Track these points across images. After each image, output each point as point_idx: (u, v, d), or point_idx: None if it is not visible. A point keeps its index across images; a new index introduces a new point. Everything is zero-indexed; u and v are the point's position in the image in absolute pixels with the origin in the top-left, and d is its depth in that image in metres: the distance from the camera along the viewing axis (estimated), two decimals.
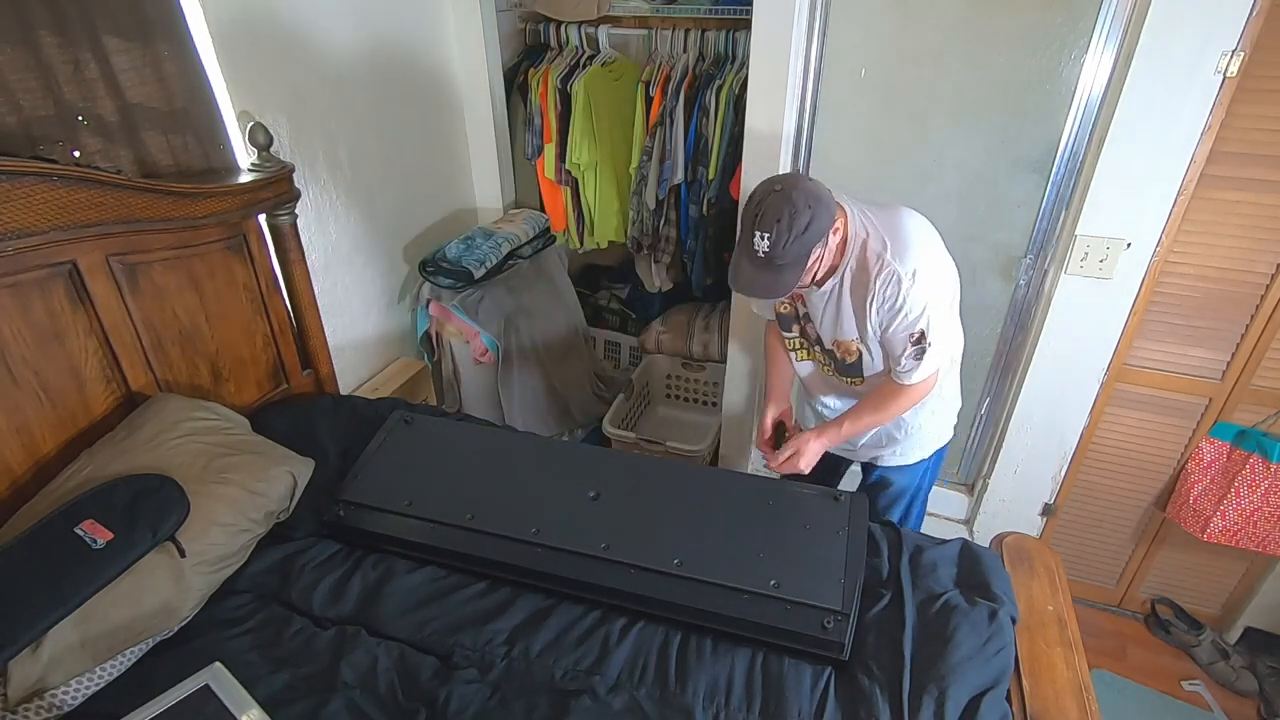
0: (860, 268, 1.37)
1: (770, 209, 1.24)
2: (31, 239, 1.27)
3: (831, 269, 1.40)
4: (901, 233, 1.35)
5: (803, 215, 1.23)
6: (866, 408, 1.51)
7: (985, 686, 1.16)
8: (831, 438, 1.54)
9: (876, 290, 1.34)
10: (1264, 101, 1.56)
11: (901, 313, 1.34)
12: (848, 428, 1.52)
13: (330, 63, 1.98)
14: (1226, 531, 1.93)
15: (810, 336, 1.56)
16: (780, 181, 1.28)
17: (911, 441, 1.65)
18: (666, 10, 2.40)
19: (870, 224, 1.36)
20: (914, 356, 1.38)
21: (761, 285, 1.32)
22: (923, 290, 1.32)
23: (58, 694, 1.11)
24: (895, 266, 1.32)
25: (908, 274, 1.32)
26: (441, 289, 2.35)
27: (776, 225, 1.23)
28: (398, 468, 1.56)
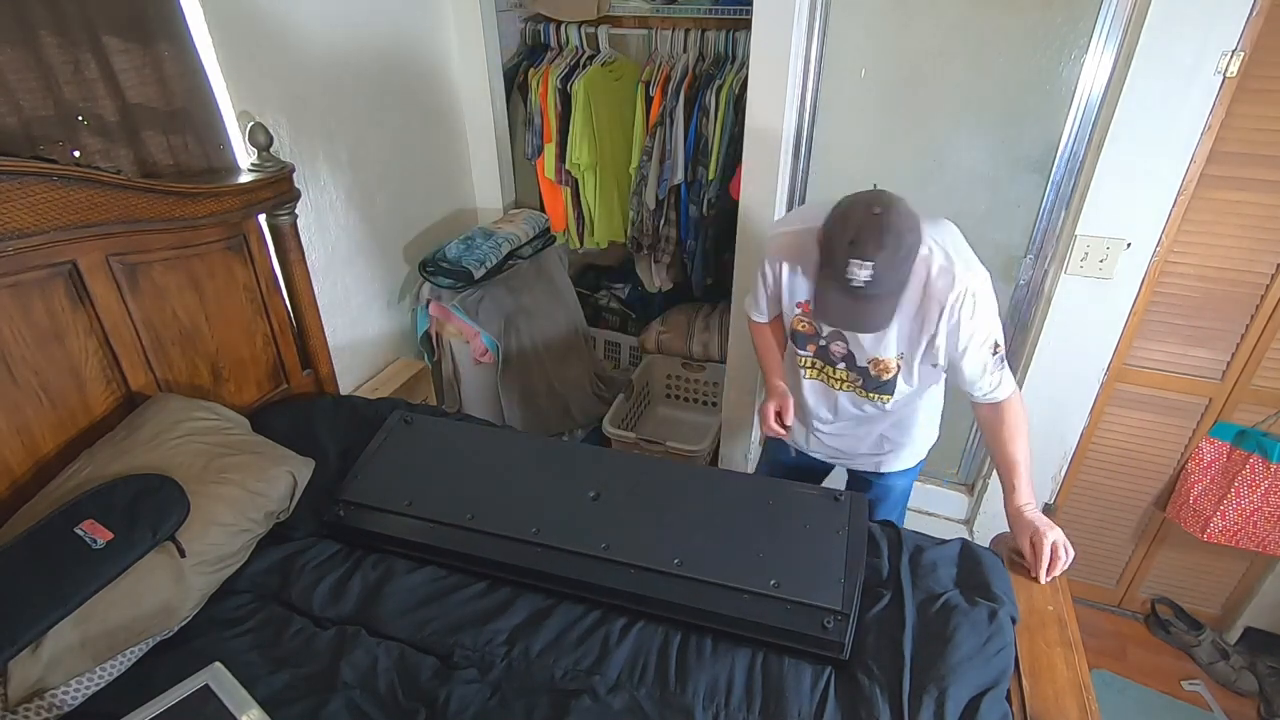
0: (923, 284, 1.28)
1: (871, 235, 1.13)
2: (31, 239, 1.27)
3: None
4: (961, 246, 1.30)
5: (907, 239, 1.14)
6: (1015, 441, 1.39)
7: (985, 686, 1.16)
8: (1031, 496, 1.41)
9: (950, 307, 1.27)
10: (1264, 101, 1.56)
11: (980, 327, 1.28)
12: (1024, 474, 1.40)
13: (331, 63, 1.98)
14: (1226, 531, 1.93)
15: (834, 355, 1.46)
16: (878, 202, 1.15)
17: (913, 446, 1.65)
18: (666, 10, 2.40)
19: (930, 238, 1.27)
20: (998, 365, 1.33)
21: (864, 318, 1.23)
22: (990, 300, 1.29)
23: (58, 694, 1.11)
24: (969, 282, 1.25)
25: (982, 290, 1.27)
26: (441, 289, 2.35)
27: (880, 253, 1.13)
28: (398, 468, 1.56)
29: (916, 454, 1.67)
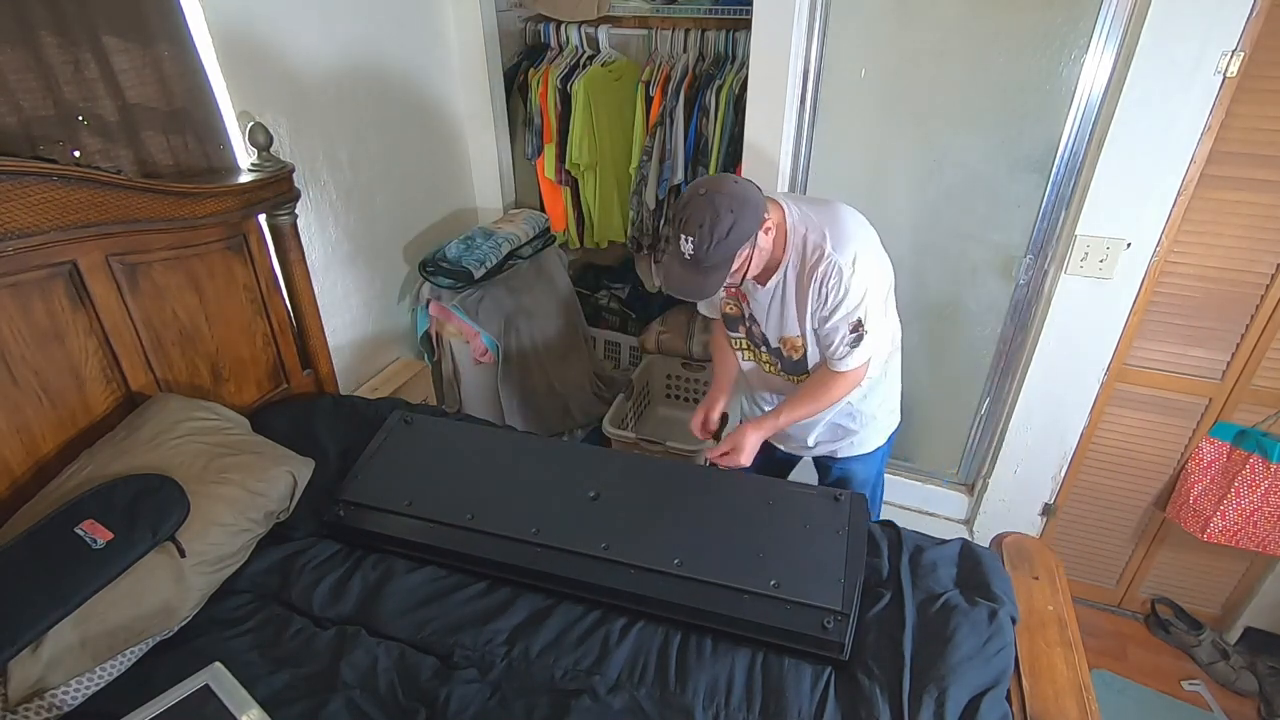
0: (802, 262, 1.40)
1: (694, 213, 1.27)
2: (31, 239, 1.27)
3: (773, 266, 1.43)
4: (839, 225, 1.39)
5: (725, 219, 1.26)
6: (803, 398, 1.53)
7: (985, 686, 1.16)
8: (769, 429, 1.56)
9: (819, 281, 1.37)
10: (1264, 101, 1.56)
11: (844, 302, 1.37)
12: (784, 418, 1.54)
13: (330, 63, 1.98)
14: (1226, 531, 1.93)
15: (756, 337, 1.57)
16: (705, 185, 1.30)
17: (867, 431, 1.68)
18: (666, 10, 2.40)
19: (809, 219, 1.40)
20: (851, 344, 1.42)
21: (690, 286, 1.34)
22: (861, 279, 1.36)
23: (58, 694, 1.11)
24: (835, 257, 1.35)
25: (848, 263, 1.35)
26: (441, 289, 2.35)
27: (700, 230, 1.26)
28: (398, 468, 1.56)
29: (875, 439, 1.70)
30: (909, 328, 2.12)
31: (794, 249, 1.40)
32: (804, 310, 1.43)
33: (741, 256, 1.32)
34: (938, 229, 1.97)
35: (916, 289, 2.07)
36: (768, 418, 1.56)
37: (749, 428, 1.55)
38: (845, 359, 1.43)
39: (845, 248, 1.36)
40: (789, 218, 1.40)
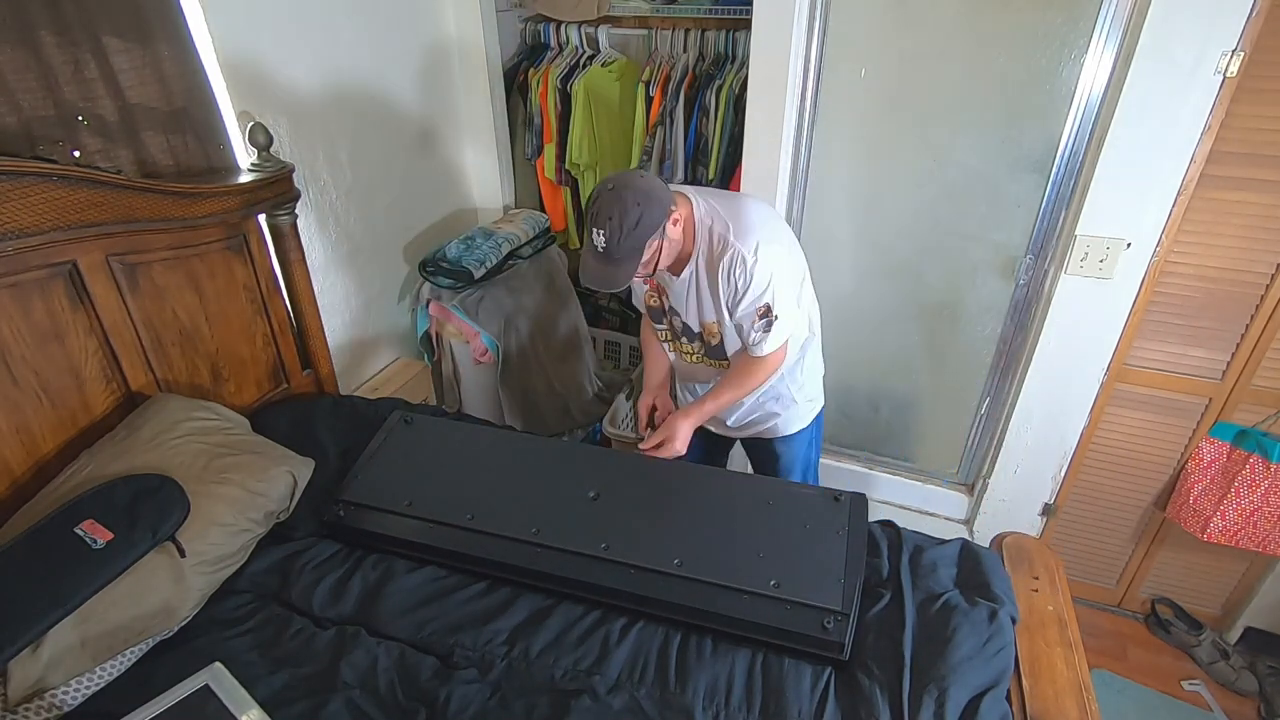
0: (710, 252, 1.46)
1: (603, 207, 1.33)
2: (31, 239, 1.27)
3: (684, 257, 1.49)
4: (743, 216, 1.44)
5: (632, 212, 1.31)
6: (727, 384, 1.58)
7: (985, 686, 1.16)
8: (697, 416, 1.61)
9: (724, 270, 1.43)
10: (1264, 101, 1.56)
11: (750, 289, 1.42)
12: (710, 405, 1.59)
13: (331, 63, 1.98)
14: (1226, 531, 1.93)
15: (678, 328, 1.63)
16: (613, 180, 1.36)
17: (790, 412, 1.73)
18: (666, 10, 2.40)
19: (715, 212, 1.45)
20: (763, 330, 1.47)
21: (602, 277, 1.39)
22: (765, 266, 1.41)
23: (58, 694, 1.11)
24: (738, 247, 1.41)
25: (750, 252, 1.40)
26: (441, 289, 2.35)
27: (609, 223, 1.32)
28: (398, 468, 1.56)
29: (799, 420, 1.76)
30: (909, 327, 2.14)
31: (702, 240, 1.46)
32: (717, 297, 1.49)
33: (651, 248, 1.38)
34: (938, 229, 1.97)
35: (916, 289, 2.07)
36: (695, 405, 1.61)
37: (678, 417, 1.61)
38: (760, 344, 1.48)
39: (747, 238, 1.41)
40: (697, 211, 1.46)
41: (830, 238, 2.09)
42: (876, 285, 2.11)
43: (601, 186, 1.37)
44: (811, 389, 1.76)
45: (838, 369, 2.32)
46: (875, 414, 2.35)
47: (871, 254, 2.08)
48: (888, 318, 2.14)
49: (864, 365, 2.27)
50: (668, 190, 1.40)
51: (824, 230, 2.09)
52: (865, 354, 2.24)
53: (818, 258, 2.13)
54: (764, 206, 1.52)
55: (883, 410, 2.33)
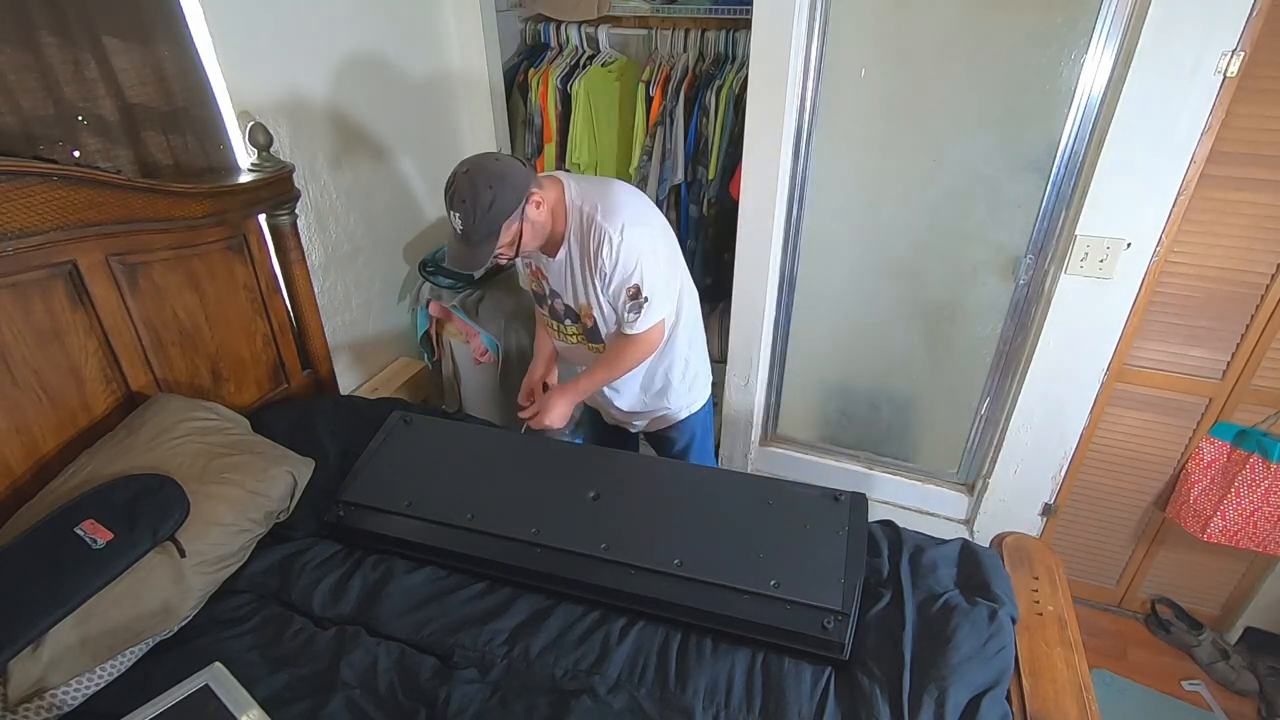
0: (580, 234, 1.49)
1: (457, 190, 1.37)
2: (31, 239, 1.27)
3: (556, 239, 1.52)
4: (609, 198, 1.48)
5: (484, 195, 1.35)
6: (601, 362, 1.63)
7: (985, 686, 1.16)
8: (573, 394, 1.66)
9: (592, 251, 1.47)
10: (1264, 101, 1.56)
11: (617, 269, 1.46)
12: (584, 383, 1.65)
13: (330, 62, 1.98)
14: (1226, 531, 1.93)
15: (559, 310, 1.66)
16: (467, 164, 1.39)
17: (676, 398, 1.77)
18: (666, 10, 2.40)
19: (585, 194, 1.49)
20: (634, 310, 1.50)
21: (463, 259, 1.43)
22: (631, 247, 1.44)
23: (58, 694, 1.11)
24: (605, 226, 1.44)
25: (616, 232, 1.44)
26: (441, 289, 2.35)
27: (462, 205, 1.36)
28: (398, 468, 1.56)
29: (687, 407, 1.81)
30: (909, 327, 2.14)
31: (574, 222, 1.49)
32: (589, 278, 1.52)
33: (510, 230, 1.40)
34: (938, 229, 1.97)
35: (916, 289, 2.07)
36: (571, 382, 1.67)
37: (555, 392, 1.68)
38: (633, 324, 1.52)
39: (613, 218, 1.44)
40: (568, 193, 1.49)
41: (830, 238, 2.09)
42: (876, 285, 2.11)
43: (456, 169, 1.40)
44: (694, 375, 1.79)
45: (838, 369, 2.32)
46: (875, 414, 2.35)
47: (871, 254, 2.07)
48: (888, 318, 2.14)
49: (864, 365, 2.27)
50: (527, 173, 1.42)
51: (824, 230, 2.09)
52: (865, 354, 2.24)
53: (818, 258, 2.14)
54: (634, 191, 1.56)
55: (883, 410, 2.33)
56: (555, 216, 1.49)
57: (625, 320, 1.53)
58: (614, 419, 1.88)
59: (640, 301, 1.49)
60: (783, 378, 2.38)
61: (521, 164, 1.43)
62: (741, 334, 2.25)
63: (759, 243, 2.07)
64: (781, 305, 2.22)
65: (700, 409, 1.84)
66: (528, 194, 1.41)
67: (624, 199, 1.50)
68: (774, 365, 2.35)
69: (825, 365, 2.32)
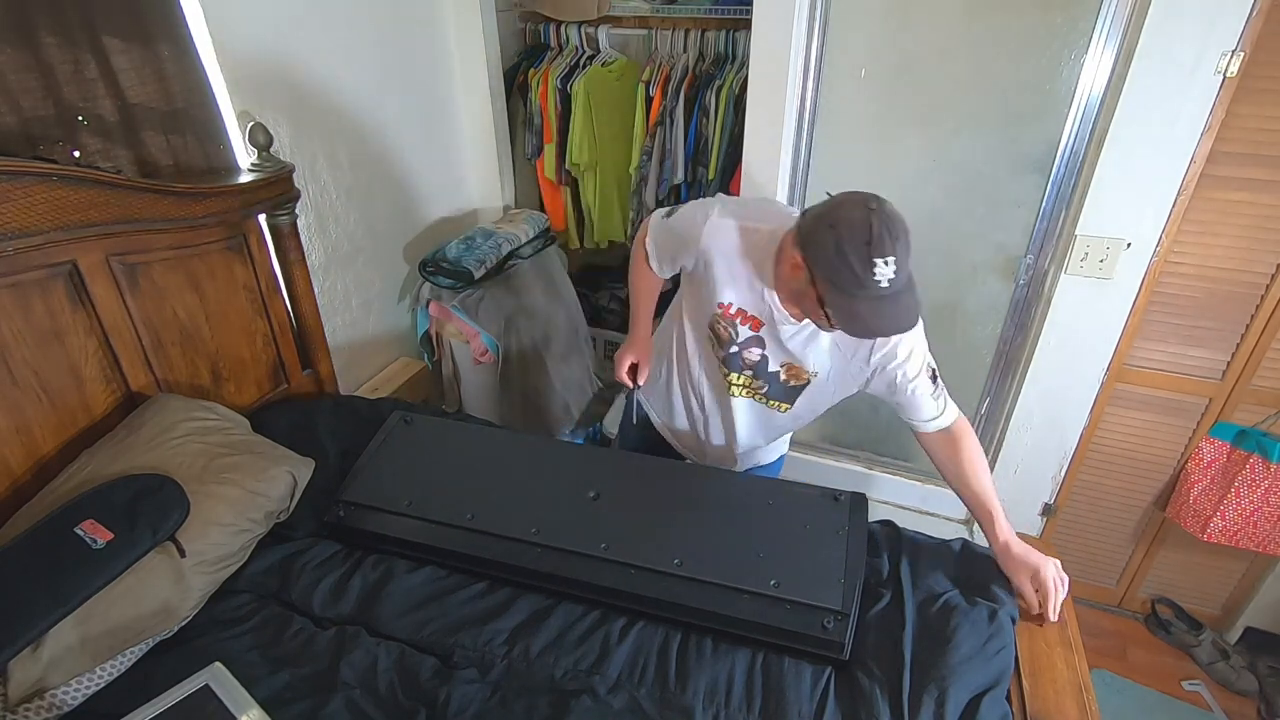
0: None
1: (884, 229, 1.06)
2: (31, 239, 1.27)
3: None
4: None
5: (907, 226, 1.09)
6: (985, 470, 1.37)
7: (985, 686, 1.16)
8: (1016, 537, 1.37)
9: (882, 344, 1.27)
10: (1264, 101, 1.56)
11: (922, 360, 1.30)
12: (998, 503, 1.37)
13: (330, 63, 1.98)
14: (1226, 531, 1.93)
15: (743, 361, 1.40)
16: (870, 200, 1.09)
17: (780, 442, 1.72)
18: (666, 10, 2.40)
19: None
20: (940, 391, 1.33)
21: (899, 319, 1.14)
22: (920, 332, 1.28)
23: (58, 694, 1.11)
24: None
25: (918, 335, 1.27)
26: (441, 289, 2.35)
27: (898, 245, 1.06)
28: (398, 468, 1.55)
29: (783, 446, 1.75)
30: None
31: None
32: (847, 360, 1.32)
33: None
34: (938, 229, 1.97)
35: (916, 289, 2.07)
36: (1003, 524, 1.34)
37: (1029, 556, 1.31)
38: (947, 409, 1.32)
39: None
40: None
41: None
42: None
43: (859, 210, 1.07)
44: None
45: None
46: (875, 414, 2.35)
47: None
48: None
49: None
50: None
51: None
52: None
53: None
54: None
55: (883, 410, 2.32)
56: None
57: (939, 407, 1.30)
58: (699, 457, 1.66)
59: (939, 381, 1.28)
60: None
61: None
62: None
63: None
64: None
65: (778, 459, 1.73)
66: None
67: None
68: None
69: None
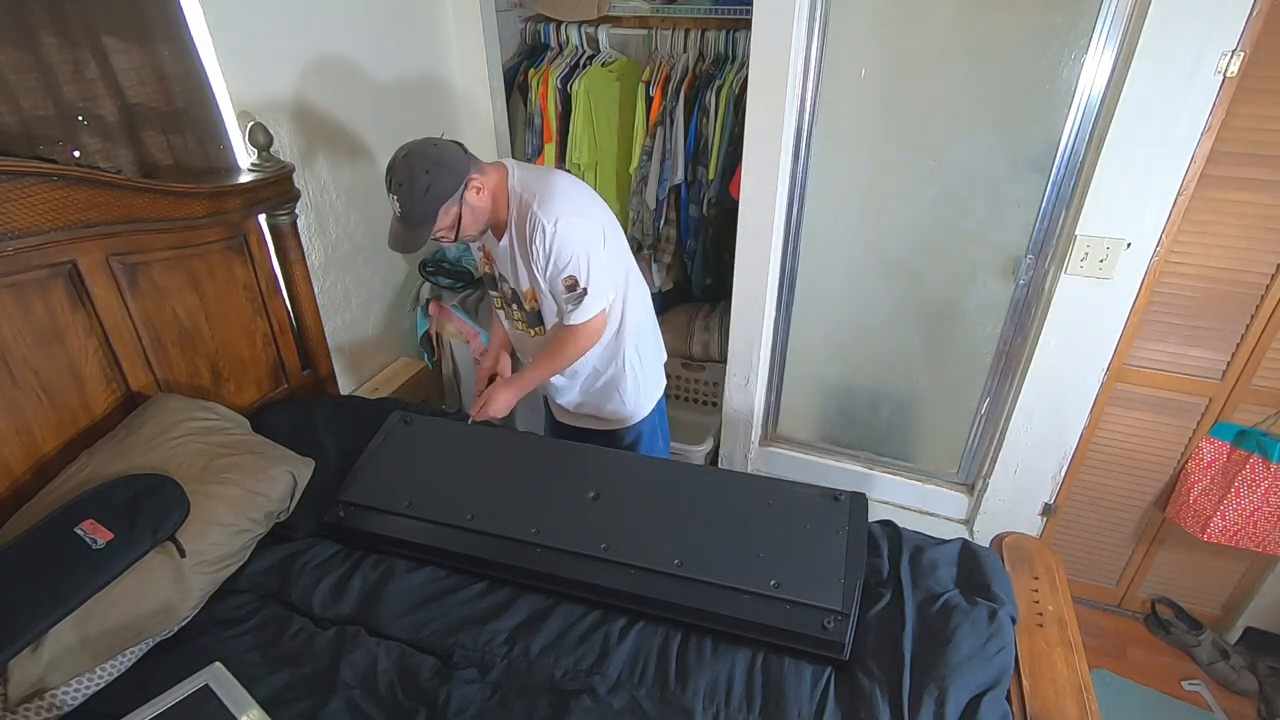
0: (518, 221, 1.51)
1: (395, 173, 1.41)
2: (31, 239, 1.27)
3: (501, 225, 1.55)
4: (548, 188, 1.49)
5: (420, 179, 1.38)
6: (544, 354, 1.65)
7: (985, 686, 1.16)
8: (518, 385, 1.70)
9: (529, 238, 1.49)
10: (1264, 101, 1.56)
11: (551, 259, 1.48)
12: (529, 375, 1.68)
13: (330, 62, 1.98)
14: (1226, 531, 1.93)
15: (507, 294, 1.69)
16: (406, 148, 1.43)
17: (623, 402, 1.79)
18: (666, 10, 2.40)
19: (526, 183, 1.51)
20: (571, 301, 1.53)
21: (402, 241, 1.47)
22: (565, 238, 1.46)
23: (58, 694, 1.11)
24: (540, 217, 1.46)
25: (550, 223, 1.45)
26: (441, 289, 2.35)
27: (400, 189, 1.40)
28: (398, 468, 1.56)
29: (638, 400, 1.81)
30: (909, 327, 2.14)
31: (514, 209, 1.51)
32: (529, 264, 1.53)
33: (448, 214, 1.44)
34: (938, 229, 1.97)
35: (916, 289, 2.07)
36: (516, 376, 1.72)
37: (499, 385, 1.71)
38: (572, 314, 1.54)
39: (549, 208, 1.46)
40: (510, 179, 1.51)
41: (830, 238, 2.09)
42: (876, 285, 2.11)
43: (396, 153, 1.43)
44: (648, 372, 1.80)
45: (838, 369, 2.32)
46: (875, 414, 2.35)
47: (871, 254, 2.07)
48: (888, 318, 2.14)
49: (864, 365, 2.27)
50: (466, 158, 1.46)
51: (824, 230, 2.09)
52: (865, 354, 2.24)
53: (818, 258, 2.14)
54: (575, 182, 1.58)
55: (883, 410, 2.33)
56: (497, 202, 1.52)
57: (565, 311, 1.55)
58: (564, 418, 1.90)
59: (578, 293, 1.51)
60: (783, 377, 2.38)
61: (461, 149, 1.47)
62: (741, 334, 2.25)
63: (759, 243, 2.07)
64: (781, 305, 2.22)
65: (648, 414, 1.84)
66: (466, 179, 1.44)
67: (563, 189, 1.51)
68: (774, 365, 2.35)
69: (825, 365, 2.32)
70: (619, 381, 1.76)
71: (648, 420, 1.85)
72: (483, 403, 1.69)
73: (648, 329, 1.78)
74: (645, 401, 1.82)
